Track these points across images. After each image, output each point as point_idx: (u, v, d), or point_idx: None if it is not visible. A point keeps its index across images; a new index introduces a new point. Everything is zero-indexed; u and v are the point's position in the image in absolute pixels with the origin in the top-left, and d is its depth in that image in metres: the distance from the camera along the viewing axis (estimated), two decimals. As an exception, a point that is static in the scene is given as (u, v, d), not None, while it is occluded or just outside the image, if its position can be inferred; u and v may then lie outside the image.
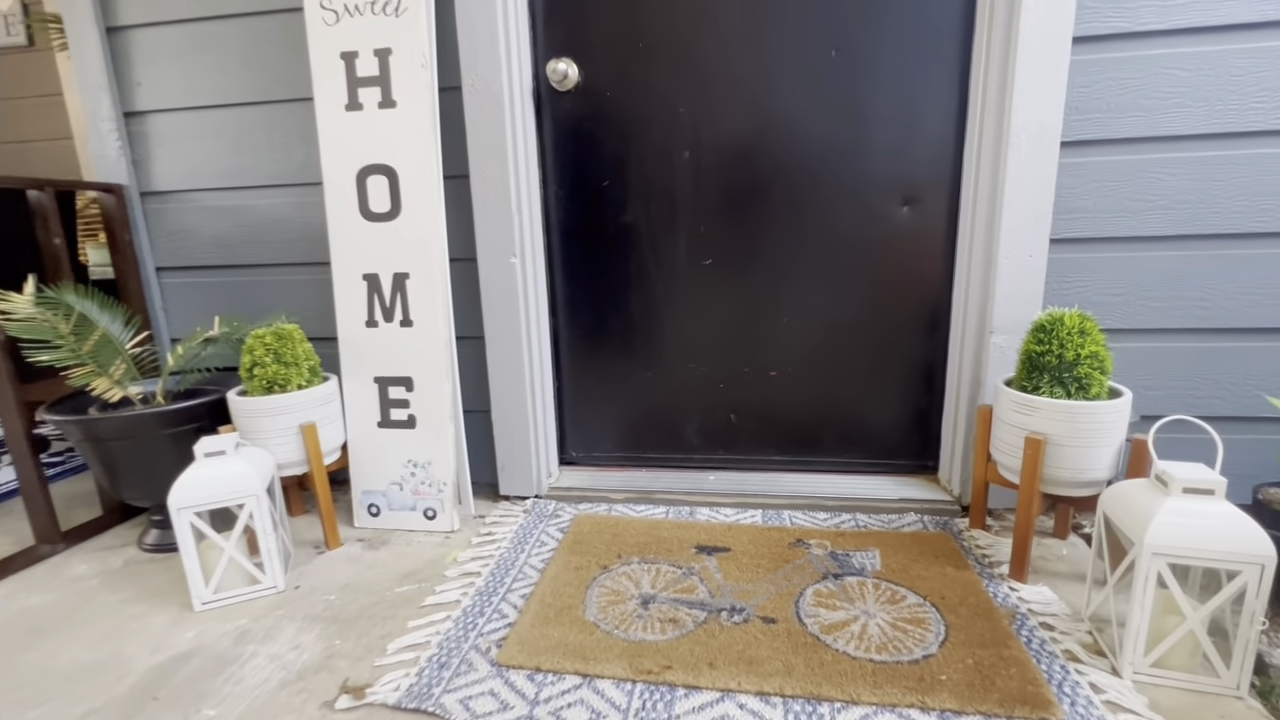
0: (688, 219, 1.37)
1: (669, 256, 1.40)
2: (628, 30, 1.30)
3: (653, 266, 1.41)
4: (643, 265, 1.42)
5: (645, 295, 1.43)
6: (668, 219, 1.38)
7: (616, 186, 1.38)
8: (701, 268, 1.39)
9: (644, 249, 1.41)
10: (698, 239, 1.38)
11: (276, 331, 1.25)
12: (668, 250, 1.40)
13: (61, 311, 1.24)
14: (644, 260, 1.41)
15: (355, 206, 1.28)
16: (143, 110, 1.43)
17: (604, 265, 1.43)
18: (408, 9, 1.20)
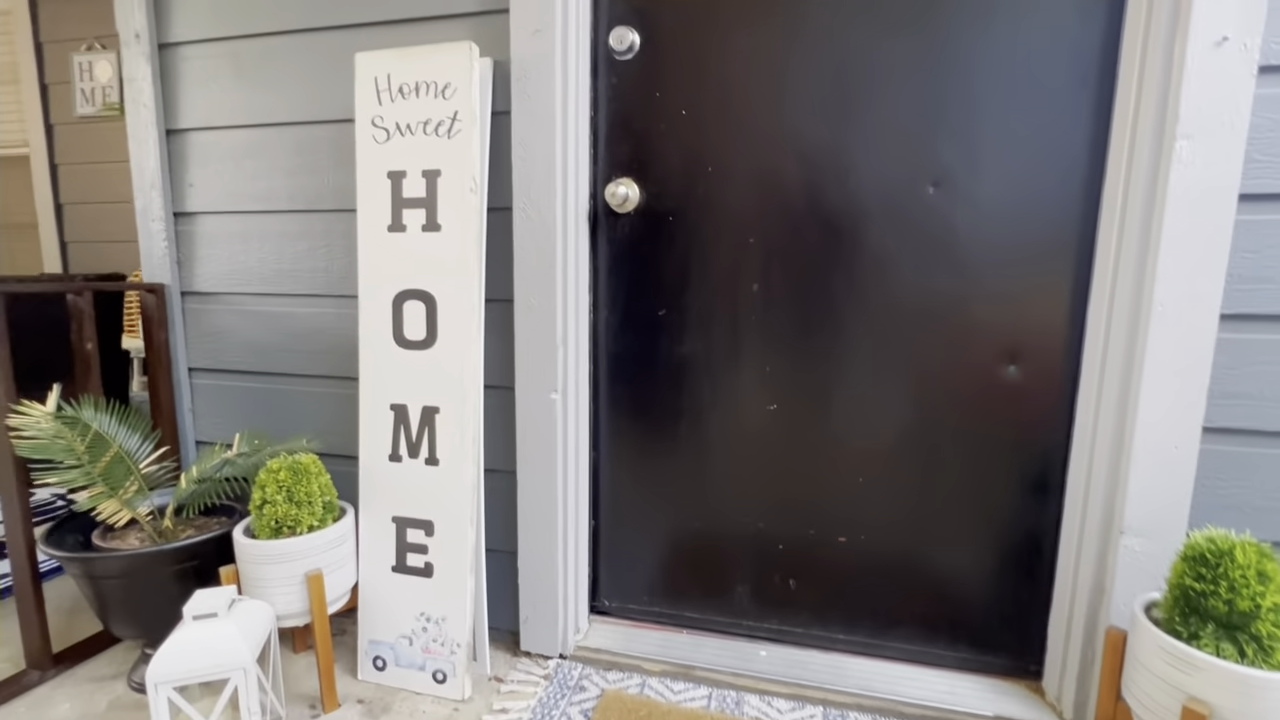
0: (753, 357, 1.22)
1: (729, 396, 1.24)
2: (696, 154, 1.18)
3: (709, 406, 1.25)
4: (698, 403, 1.26)
5: (699, 436, 1.27)
6: (730, 355, 1.23)
7: (674, 315, 1.24)
8: (765, 412, 1.23)
9: (701, 386, 1.25)
10: (762, 379, 1.22)
11: (292, 466, 1.14)
12: (728, 389, 1.24)
13: (78, 430, 1.17)
14: (700, 398, 1.26)
15: (389, 332, 1.18)
16: (192, 211, 1.40)
17: (655, 399, 1.28)
18: (461, 131, 1.11)
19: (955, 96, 1.06)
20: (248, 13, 1.29)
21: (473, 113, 1.11)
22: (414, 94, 1.13)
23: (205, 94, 1.35)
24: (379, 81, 1.14)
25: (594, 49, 1.19)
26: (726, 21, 1.14)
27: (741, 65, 1.14)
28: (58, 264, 3.04)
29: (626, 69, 1.20)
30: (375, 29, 1.23)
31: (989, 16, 1.03)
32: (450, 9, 1.18)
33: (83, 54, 2.82)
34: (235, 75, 1.32)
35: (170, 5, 1.34)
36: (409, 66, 1.13)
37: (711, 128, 1.17)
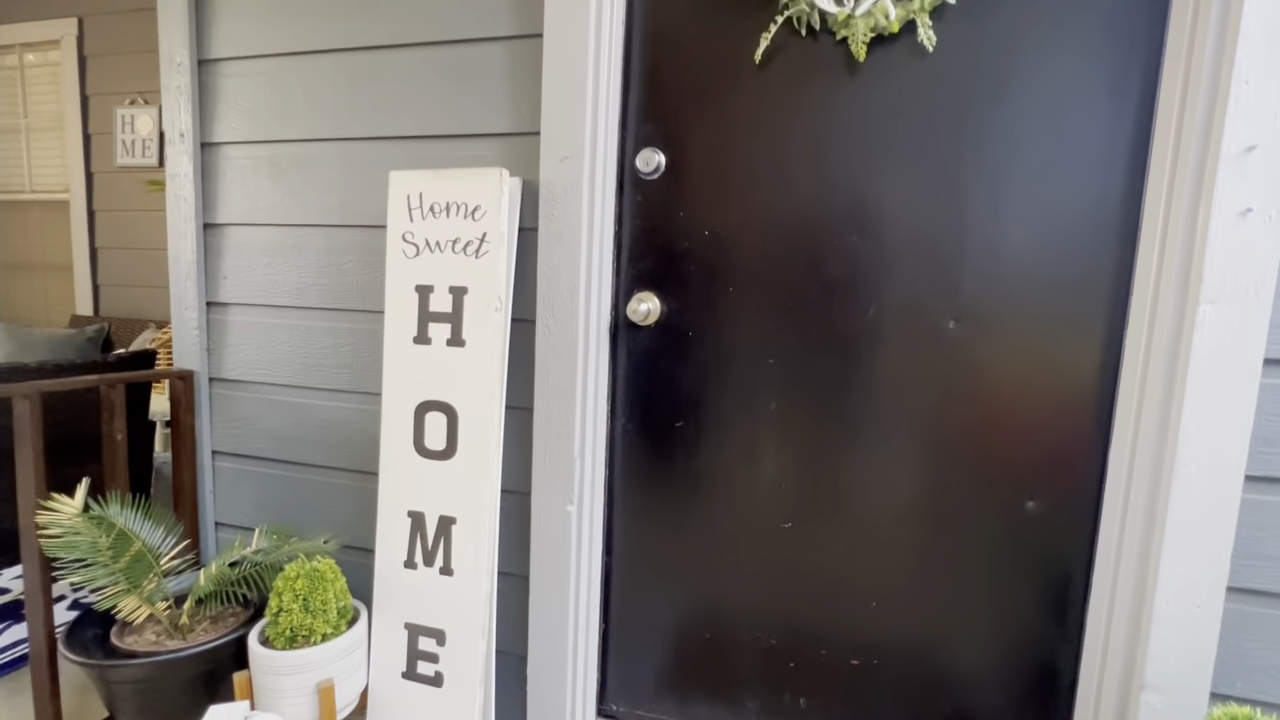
0: (769, 473, 1.22)
1: (743, 511, 1.24)
2: (718, 273, 1.20)
3: (724, 519, 1.25)
4: (713, 516, 1.26)
5: (713, 549, 1.27)
6: (746, 470, 1.23)
7: (691, 428, 1.25)
8: (779, 529, 1.22)
9: (716, 499, 1.25)
10: (778, 496, 1.22)
11: (310, 574, 1.15)
12: (743, 504, 1.24)
13: (104, 528, 1.19)
14: (714, 511, 1.26)
15: (410, 440, 1.20)
16: (224, 302, 1.44)
17: (670, 509, 1.28)
18: (489, 252, 1.14)
19: (977, 237, 1.07)
20: (286, 120, 1.34)
21: (500, 235, 1.13)
22: (445, 213, 1.16)
23: (243, 192, 1.40)
24: (411, 199, 1.18)
25: (620, 168, 1.22)
26: (749, 147, 1.16)
27: (763, 190, 1.16)
28: (89, 305, 3.13)
29: (652, 188, 1.22)
30: (408, 142, 1.27)
31: (1008, 175, 1.04)
32: (481, 129, 1.22)
33: (126, 107, 2.93)
34: (272, 177, 1.37)
35: (214, 108, 1.39)
36: (441, 187, 1.16)
37: (734, 248, 1.19)
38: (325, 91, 1.31)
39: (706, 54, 1.17)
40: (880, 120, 1.10)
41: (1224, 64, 0.88)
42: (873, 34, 1.06)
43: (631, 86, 1.21)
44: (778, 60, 1.13)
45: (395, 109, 1.27)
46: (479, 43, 1.20)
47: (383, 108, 1.27)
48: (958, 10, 1.03)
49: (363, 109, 1.29)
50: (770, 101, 1.15)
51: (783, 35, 1.12)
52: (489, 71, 1.20)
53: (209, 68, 1.38)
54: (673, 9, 1.17)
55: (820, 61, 1.11)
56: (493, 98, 1.20)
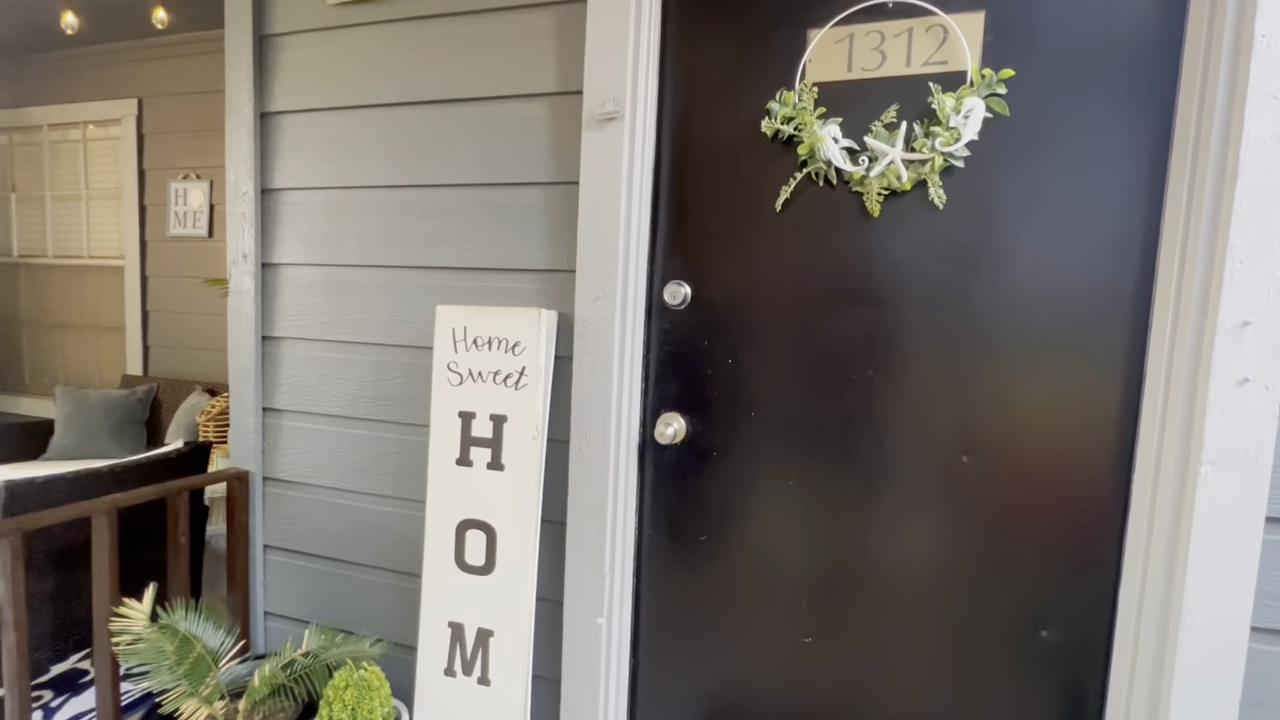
0: (789, 590, 1.27)
1: (765, 624, 1.30)
2: (740, 398, 1.27)
3: (746, 630, 1.31)
4: (734, 627, 1.32)
5: (734, 658, 1.32)
6: (767, 586, 1.29)
7: (715, 542, 1.32)
8: (800, 645, 1.28)
9: (737, 611, 1.31)
10: (798, 612, 1.27)
11: (358, 684, 1.23)
12: (764, 618, 1.29)
13: (169, 634, 1.29)
14: (736, 622, 1.31)
15: (452, 555, 1.29)
16: (279, 408, 1.55)
17: (693, 618, 1.34)
18: (527, 385, 1.23)
19: (987, 380, 1.13)
20: (340, 247, 1.46)
21: (539, 369, 1.22)
22: (487, 346, 1.26)
23: (299, 309, 1.51)
24: (456, 332, 1.28)
25: (649, 299, 1.31)
26: (770, 284, 1.24)
27: (783, 324, 1.24)
28: (139, 365, 3.30)
29: (679, 317, 1.31)
30: (453, 272, 1.37)
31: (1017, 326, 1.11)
32: (521, 264, 1.32)
33: (179, 181, 3.12)
34: (326, 296, 1.48)
35: (275, 232, 1.51)
36: (484, 322, 1.26)
37: (755, 376, 1.26)
38: (377, 222, 1.43)
39: (729, 198, 1.26)
40: (894, 265, 1.17)
41: (1218, 244, 0.94)
42: (886, 191, 1.14)
43: (660, 223, 1.30)
44: (797, 206, 1.22)
45: (442, 242, 1.37)
46: (521, 186, 1.31)
47: (430, 240, 1.38)
48: (966, 172, 1.11)
49: (411, 240, 1.40)
50: (790, 243, 1.23)
51: (802, 184, 1.20)
52: (529, 213, 1.31)
53: (271, 196, 1.51)
54: (697, 159, 1.27)
55: (837, 210, 1.19)
56: (532, 237, 1.30)
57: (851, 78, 1.17)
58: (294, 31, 1.46)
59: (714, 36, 1.24)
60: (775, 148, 1.21)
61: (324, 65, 1.44)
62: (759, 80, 1.22)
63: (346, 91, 1.43)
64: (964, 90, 1.08)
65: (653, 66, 1.25)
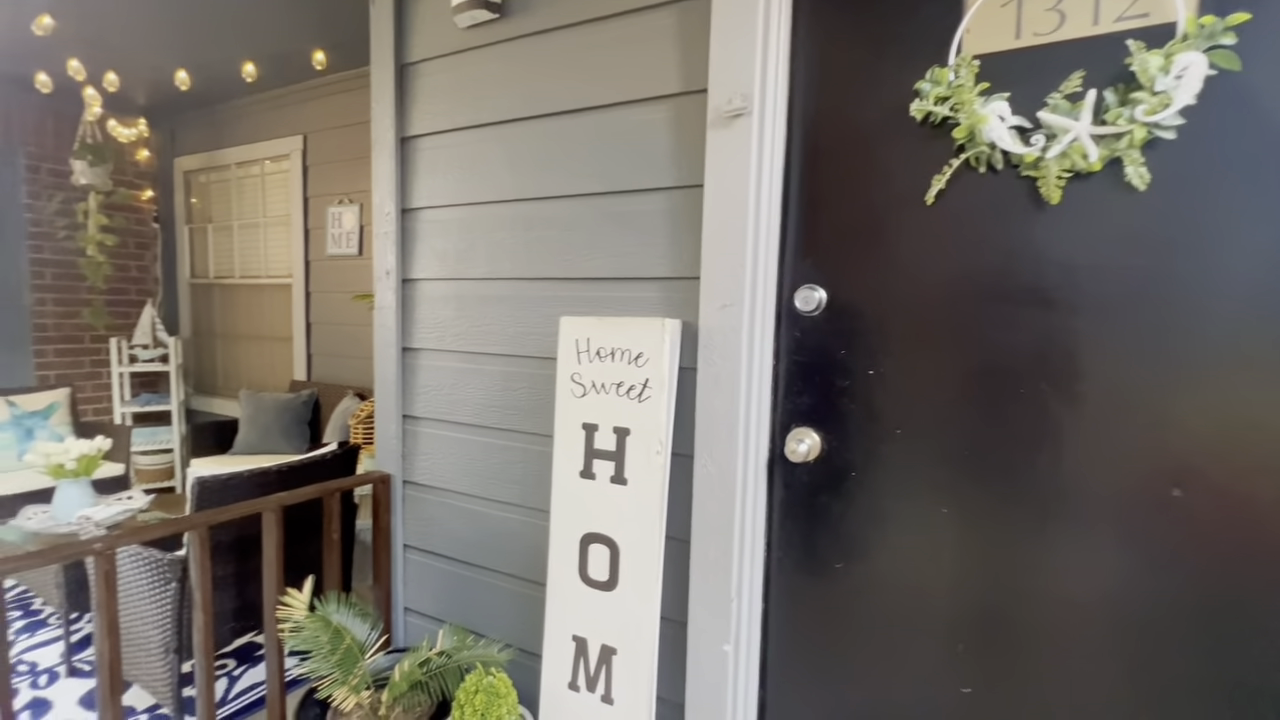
0: (942, 631, 1.13)
1: (913, 668, 1.15)
2: (883, 414, 1.15)
3: (890, 672, 1.17)
4: (877, 668, 1.19)
5: (877, 703, 1.19)
6: (915, 625, 1.15)
7: (853, 572, 1.20)
8: (957, 694, 1.12)
9: (880, 649, 1.18)
10: (954, 659, 1.12)
11: (488, 690, 1.26)
12: (913, 661, 1.15)
13: (323, 624, 1.39)
14: (879, 662, 1.18)
15: (575, 568, 1.27)
16: (417, 415, 1.64)
17: (828, 655, 1.23)
18: (651, 397, 1.19)
19: (1206, 397, 0.92)
20: (469, 261, 1.51)
21: (662, 380, 1.18)
22: (610, 358, 1.23)
23: (434, 321, 1.59)
24: (579, 343, 1.27)
25: (779, 306, 1.22)
26: (917, 285, 1.11)
27: (934, 331, 1.10)
28: (304, 371, 3.70)
29: (812, 324, 1.20)
30: (576, 283, 1.37)
31: (1244, 332, 0.89)
32: (644, 273, 1.28)
33: (335, 206, 3.46)
34: (457, 309, 1.54)
35: (413, 250, 1.60)
36: (606, 334, 1.24)
37: (901, 390, 1.13)
38: (502, 236, 1.46)
39: (871, 192, 1.14)
40: (1077, 260, 0.99)
41: None
42: (1068, 174, 0.97)
43: (790, 223, 1.21)
44: (953, 197, 1.07)
45: (564, 253, 1.37)
46: (643, 193, 1.28)
47: (553, 251, 1.39)
48: (1177, 145, 0.91)
49: (535, 252, 1.41)
50: (943, 239, 1.09)
51: (959, 173, 1.06)
52: (652, 220, 1.27)
53: (410, 215, 1.60)
54: (832, 152, 1.16)
55: (1003, 199, 1.04)
56: (655, 245, 1.27)
57: (1021, 45, 1.01)
58: (428, 58, 1.54)
59: (852, 15, 1.13)
60: (925, 133, 1.08)
61: (454, 88, 1.50)
62: (905, 59, 1.09)
63: (473, 111, 1.48)
64: (1175, 45, 0.88)
65: (783, 55, 1.16)
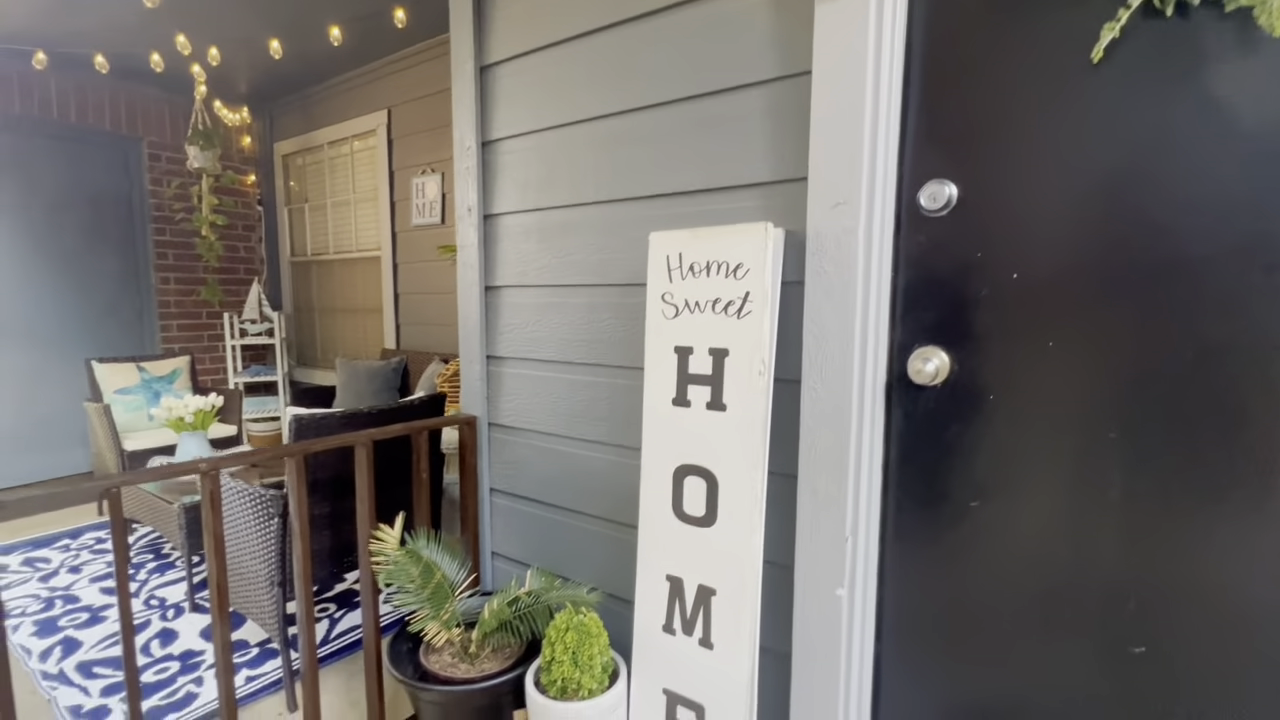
0: (1109, 578, 0.95)
1: (1066, 623, 0.98)
2: (1034, 324, 0.97)
3: (1036, 628, 1.01)
4: (1020, 620, 1.02)
5: (1018, 663, 1.03)
6: (1073, 569, 0.97)
7: (992, 510, 1.03)
8: (1128, 655, 0.94)
9: (1027, 602, 1.02)
10: (1122, 615, 0.94)
11: (579, 628, 1.19)
12: (1069, 609, 0.98)
13: (414, 559, 1.38)
14: (1023, 614, 1.02)
15: (669, 503, 1.18)
16: (501, 356, 1.60)
17: (960, 605, 1.07)
18: (751, 312, 1.07)
19: None
20: (551, 189, 1.44)
21: (765, 294, 1.06)
22: (705, 273, 1.12)
23: (516, 256, 1.53)
24: (670, 260, 1.16)
25: (898, 207, 1.06)
26: (1081, 167, 0.92)
27: (1105, 218, 0.91)
28: (394, 340, 3.83)
29: (939, 227, 1.04)
30: (664, 200, 1.26)
31: None
32: (740, 180, 1.16)
33: (419, 176, 3.52)
34: (540, 241, 1.48)
35: (494, 184, 1.55)
36: (701, 246, 1.13)
37: (1056, 294, 0.95)
38: (584, 158, 1.38)
39: (1015, 57, 0.96)
40: (1305, 112, 0.78)
41: None
42: (1298, -5, 0.76)
43: (913, 106, 1.04)
44: (1126, 52, 0.88)
45: (651, 168, 1.27)
46: (736, 91, 1.15)
47: (639, 168, 1.29)
48: None
49: (621, 171, 1.32)
50: (1112, 111, 0.90)
51: (1135, 20, 0.86)
52: (747, 119, 1.14)
53: (490, 148, 1.55)
54: (967, 11, 0.99)
55: (1199, 49, 0.83)
56: (752, 146, 1.14)
57: None
58: (507, -20, 1.47)
59: None
60: (1091, -27, 0.89)
61: (530, 7, 1.43)
62: (1065, -114, 0.90)
63: (550, 28, 1.39)
64: None
65: (905, -94, 1.00)
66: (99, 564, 2.57)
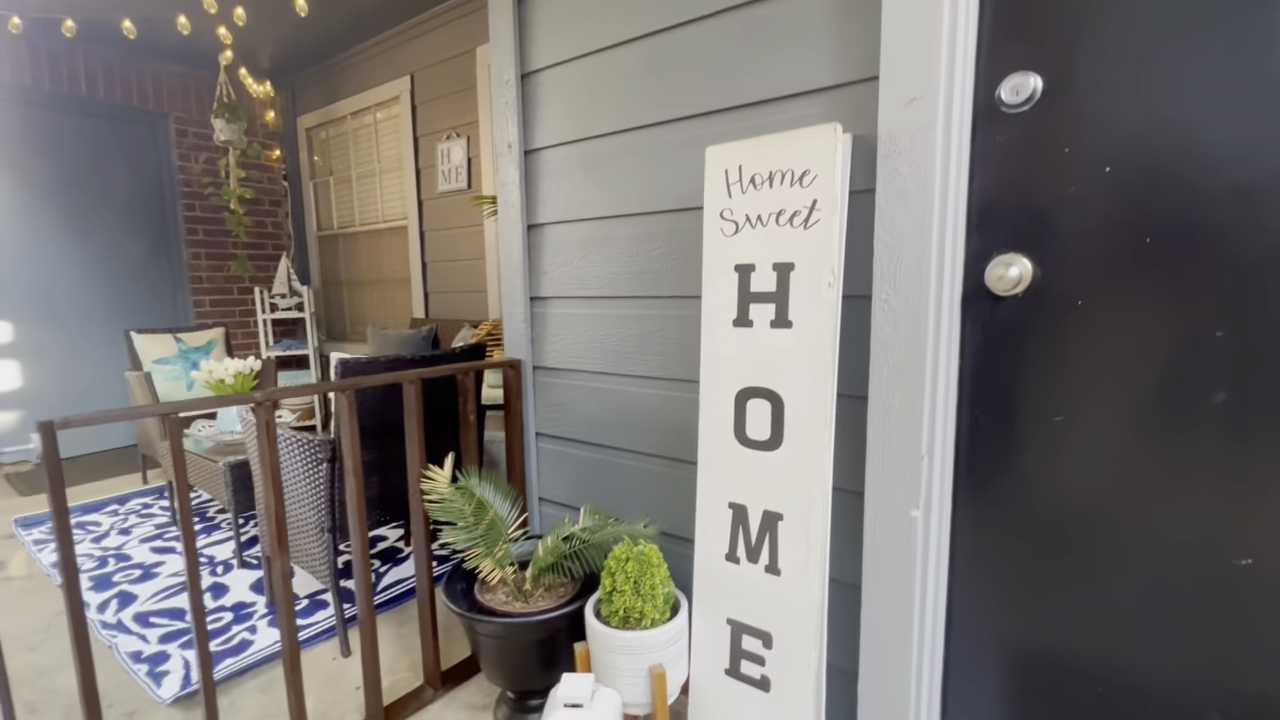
0: (1206, 490, 0.89)
1: (1162, 538, 0.93)
2: (1129, 221, 0.91)
3: (1122, 547, 0.95)
4: (1106, 542, 0.97)
5: (1106, 584, 0.98)
6: (1166, 485, 0.92)
7: (1078, 424, 0.98)
8: (1231, 568, 0.89)
9: (1113, 519, 0.96)
10: (1225, 524, 0.88)
11: (639, 557, 1.17)
12: (1162, 529, 0.93)
13: (466, 496, 1.37)
14: (1110, 536, 0.97)
15: (731, 428, 1.15)
16: (544, 296, 1.56)
17: (1039, 526, 1.02)
18: (819, 221, 1.02)
19: None
20: (595, 116, 1.39)
21: (834, 199, 1.00)
22: (767, 184, 1.07)
23: (559, 191, 1.49)
24: (729, 174, 1.11)
25: (976, 105, 1.00)
26: (1189, 47, 0.85)
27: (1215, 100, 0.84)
28: (422, 309, 3.82)
29: (1020, 123, 0.97)
30: (716, 117, 1.21)
31: None
32: (800, 86, 1.10)
33: (444, 141, 3.48)
34: (585, 173, 1.43)
35: (534, 117, 1.51)
36: (762, 155, 1.07)
37: (1156, 188, 0.89)
38: (630, 81, 1.32)
39: (1112, -70, 0.88)
40: None
41: None
42: None
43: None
44: (1241, -91, 0.80)
45: (704, 83, 1.22)
46: (798, -10, 1.09)
47: (690, 86, 1.23)
48: None
49: (669, 90, 1.27)
50: (1224, -29, 0.82)
51: None
52: (806, 18, 1.08)
53: (530, 80, 1.50)
54: (1058, -116, 0.91)
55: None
56: (813, 47, 1.08)
57: None
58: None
59: None
60: None
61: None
62: None
63: (597, -53, 1.34)
64: None
65: None
66: (147, 526, 2.62)
